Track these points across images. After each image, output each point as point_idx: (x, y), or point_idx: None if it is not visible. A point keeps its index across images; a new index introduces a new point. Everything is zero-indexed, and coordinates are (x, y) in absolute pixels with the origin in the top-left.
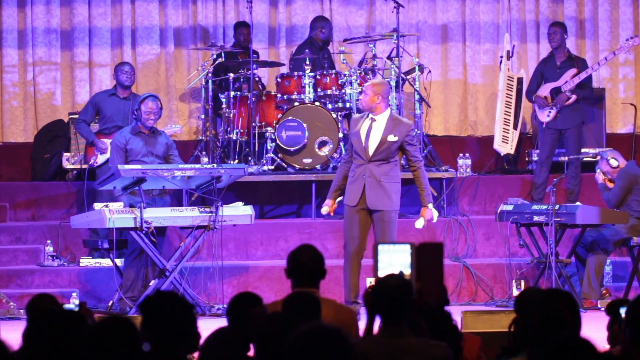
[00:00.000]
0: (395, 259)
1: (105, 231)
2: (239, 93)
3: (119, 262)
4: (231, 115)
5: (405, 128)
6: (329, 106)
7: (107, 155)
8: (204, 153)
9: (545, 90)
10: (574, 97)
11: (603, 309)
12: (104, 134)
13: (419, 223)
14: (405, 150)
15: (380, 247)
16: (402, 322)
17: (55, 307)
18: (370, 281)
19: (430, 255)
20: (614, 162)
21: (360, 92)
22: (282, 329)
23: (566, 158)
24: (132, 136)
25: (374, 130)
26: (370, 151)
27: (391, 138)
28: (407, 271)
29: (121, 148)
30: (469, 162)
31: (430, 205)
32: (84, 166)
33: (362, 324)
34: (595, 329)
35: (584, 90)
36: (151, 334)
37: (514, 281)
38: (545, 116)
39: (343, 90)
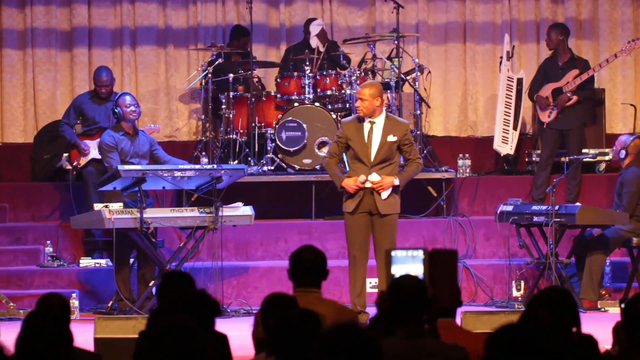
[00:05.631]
0: (408, 265)
1: (99, 231)
2: (238, 93)
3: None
4: (231, 115)
5: (403, 127)
6: (329, 106)
7: (90, 157)
8: (203, 153)
9: (546, 90)
10: (575, 97)
11: (603, 309)
12: (88, 135)
13: (373, 177)
14: (403, 150)
15: (394, 253)
16: (419, 323)
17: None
18: (370, 282)
19: (443, 261)
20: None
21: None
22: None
23: (566, 159)
24: (119, 137)
25: (374, 133)
26: (373, 154)
27: (390, 138)
28: (420, 277)
29: (114, 147)
30: (468, 162)
31: (396, 181)
32: (68, 167)
33: None
34: (595, 329)
35: (586, 91)
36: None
37: (513, 282)
38: (546, 117)
39: (343, 91)
